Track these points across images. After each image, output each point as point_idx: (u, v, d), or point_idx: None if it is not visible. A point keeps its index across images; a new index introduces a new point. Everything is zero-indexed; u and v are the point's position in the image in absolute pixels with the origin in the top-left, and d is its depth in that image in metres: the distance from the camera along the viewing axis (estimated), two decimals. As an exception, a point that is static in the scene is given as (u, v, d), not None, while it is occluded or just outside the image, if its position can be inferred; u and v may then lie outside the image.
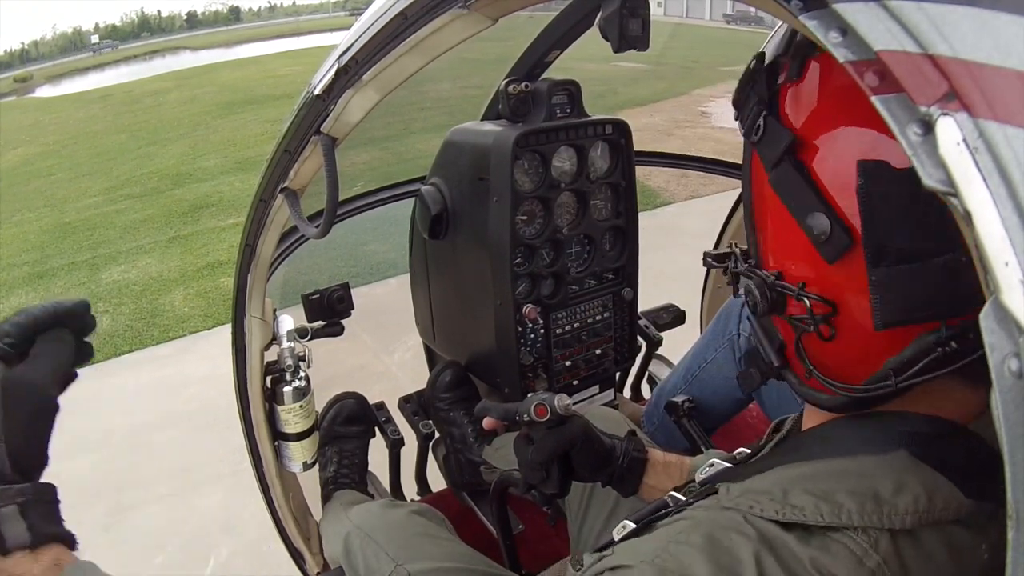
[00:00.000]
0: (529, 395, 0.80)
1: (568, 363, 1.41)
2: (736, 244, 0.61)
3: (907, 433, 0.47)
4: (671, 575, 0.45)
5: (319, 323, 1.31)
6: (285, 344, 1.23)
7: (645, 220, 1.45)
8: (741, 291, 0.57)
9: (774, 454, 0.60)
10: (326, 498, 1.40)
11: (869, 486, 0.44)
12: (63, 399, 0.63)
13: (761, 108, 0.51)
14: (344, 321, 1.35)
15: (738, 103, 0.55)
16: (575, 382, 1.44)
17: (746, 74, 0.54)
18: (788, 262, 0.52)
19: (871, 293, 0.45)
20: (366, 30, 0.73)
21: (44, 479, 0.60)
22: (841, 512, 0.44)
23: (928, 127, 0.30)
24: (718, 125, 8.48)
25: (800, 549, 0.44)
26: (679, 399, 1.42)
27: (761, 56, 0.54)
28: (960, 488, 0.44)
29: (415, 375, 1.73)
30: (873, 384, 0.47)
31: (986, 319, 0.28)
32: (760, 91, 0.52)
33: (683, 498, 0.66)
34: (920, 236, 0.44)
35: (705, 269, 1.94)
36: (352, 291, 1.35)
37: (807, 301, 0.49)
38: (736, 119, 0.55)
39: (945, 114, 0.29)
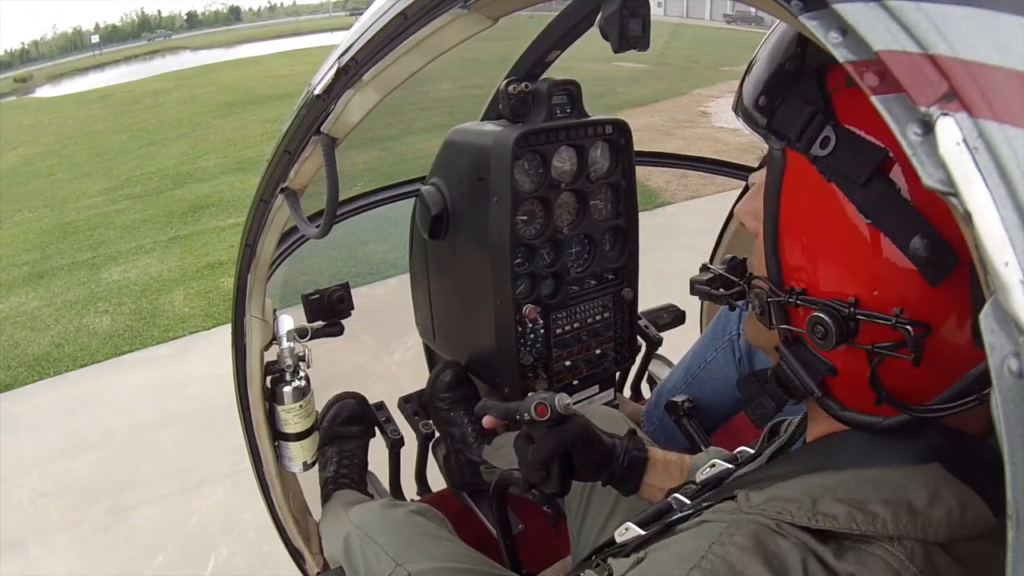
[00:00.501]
0: (530, 394, 0.80)
1: (568, 363, 1.41)
2: (750, 273, 0.57)
3: (941, 446, 0.46)
4: None
5: (319, 323, 1.31)
6: (285, 344, 1.23)
7: (645, 220, 1.45)
8: (782, 325, 0.52)
9: (790, 461, 0.57)
10: (326, 498, 1.40)
11: (903, 497, 0.44)
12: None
13: (822, 117, 0.46)
14: (344, 321, 1.35)
15: (769, 107, 0.49)
16: (575, 382, 1.44)
17: (781, 74, 0.49)
18: (871, 286, 0.47)
19: (974, 310, 0.41)
20: (366, 30, 0.73)
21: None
22: (876, 521, 0.43)
23: (928, 127, 0.30)
24: (718, 125, 8.49)
25: (837, 564, 0.43)
26: (679, 399, 1.42)
27: (800, 53, 0.48)
28: (990, 505, 0.44)
29: (415, 375, 1.73)
30: (956, 400, 0.44)
31: (986, 319, 0.28)
32: (813, 95, 0.47)
33: (687, 500, 0.66)
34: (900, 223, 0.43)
35: (705, 269, 1.94)
36: (352, 291, 1.35)
37: (910, 329, 0.45)
38: (766, 127, 0.50)
39: (945, 114, 0.29)
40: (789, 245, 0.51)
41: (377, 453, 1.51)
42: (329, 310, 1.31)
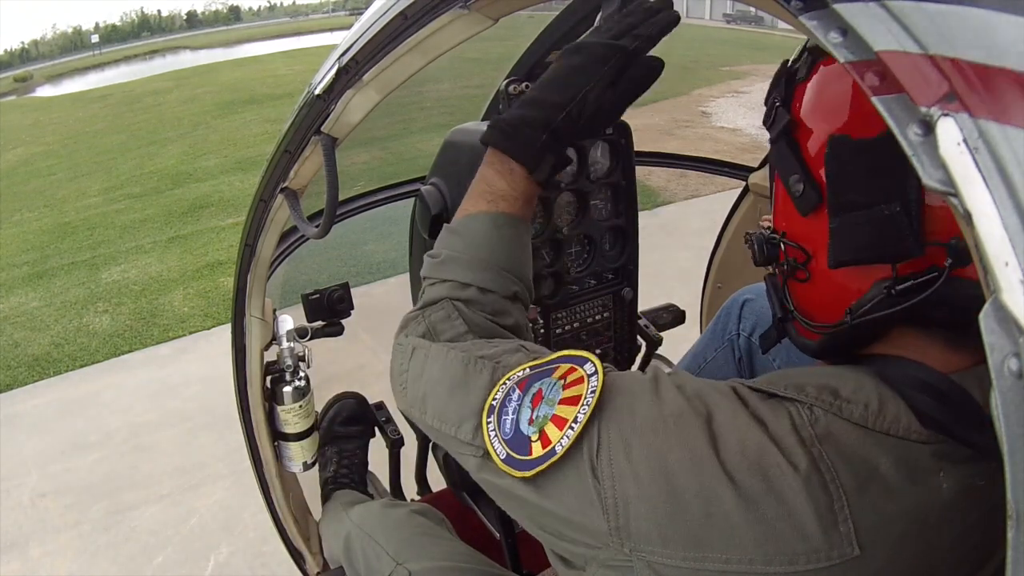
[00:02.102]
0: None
1: (568, 363, 1.41)
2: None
3: (880, 364, 0.55)
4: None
5: (319, 323, 1.31)
6: (285, 344, 1.23)
7: (645, 220, 1.45)
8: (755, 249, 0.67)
9: None
10: (326, 498, 1.40)
11: (833, 385, 0.52)
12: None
13: (776, 101, 0.61)
14: (344, 321, 1.35)
15: (766, 102, 0.64)
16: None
17: (774, 77, 0.63)
18: (779, 220, 0.63)
19: (829, 238, 0.55)
20: (366, 30, 0.73)
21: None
22: (801, 392, 0.52)
23: (928, 127, 0.30)
24: (718, 125, 8.49)
25: (756, 404, 0.52)
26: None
27: (786, 62, 0.63)
28: (917, 415, 0.50)
29: (415, 375, 1.72)
30: (839, 323, 0.57)
31: (986, 319, 0.28)
32: (779, 89, 0.61)
33: None
34: (869, 190, 0.52)
35: (705, 269, 1.95)
36: (352, 291, 1.35)
37: (782, 246, 0.62)
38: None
39: (945, 114, 0.29)
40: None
41: (377, 453, 1.51)
42: (329, 310, 1.31)
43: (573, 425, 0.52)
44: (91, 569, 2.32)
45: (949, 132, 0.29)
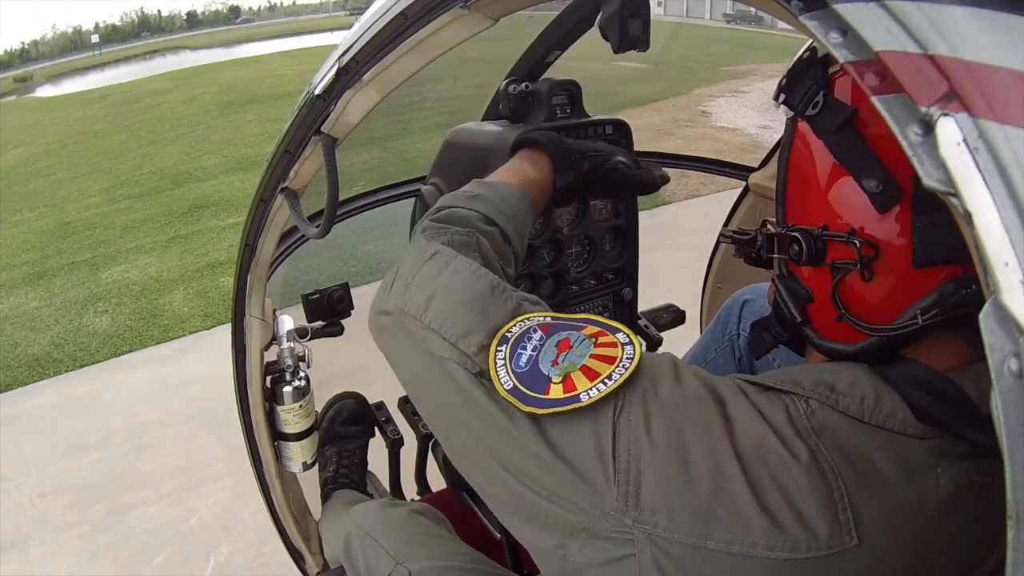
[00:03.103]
0: None
1: (568, 363, 1.41)
2: (765, 222, 0.69)
3: (880, 362, 0.56)
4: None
5: (319, 323, 1.31)
6: (285, 344, 1.23)
7: (645, 220, 1.45)
8: (774, 254, 0.66)
9: None
10: (326, 498, 1.40)
11: (829, 380, 0.53)
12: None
13: (819, 88, 0.59)
14: (344, 321, 1.35)
15: (788, 87, 0.62)
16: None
17: (799, 63, 0.62)
18: (837, 215, 0.59)
19: (912, 237, 0.54)
20: (366, 30, 0.73)
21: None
22: (796, 386, 0.52)
23: (928, 127, 0.30)
24: (718, 125, 8.49)
25: (755, 396, 0.52)
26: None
27: (814, 49, 0.62)
28: (913, 410, 0.51)
29: (415, 375, 1.72)
30: (902, 324, 0.54)
31: (986, 319, 0.28)
32: (816, 75, 0.59)
33: None
34: None
35: (705, 269, 1.94)
36: (352, 291, 1.35)
37: (857, 244, 0.56)
38: (783, 102, 0.63)
39: (945, 114, 0.29)
40: (790, 192, 0.64)
41: (377, 453, 1.51)
42: (329, 310, 1.31)
43: (606, 381, 0.51)
44: (91, 569, 2.32)
45: (949, 132, 0.29)
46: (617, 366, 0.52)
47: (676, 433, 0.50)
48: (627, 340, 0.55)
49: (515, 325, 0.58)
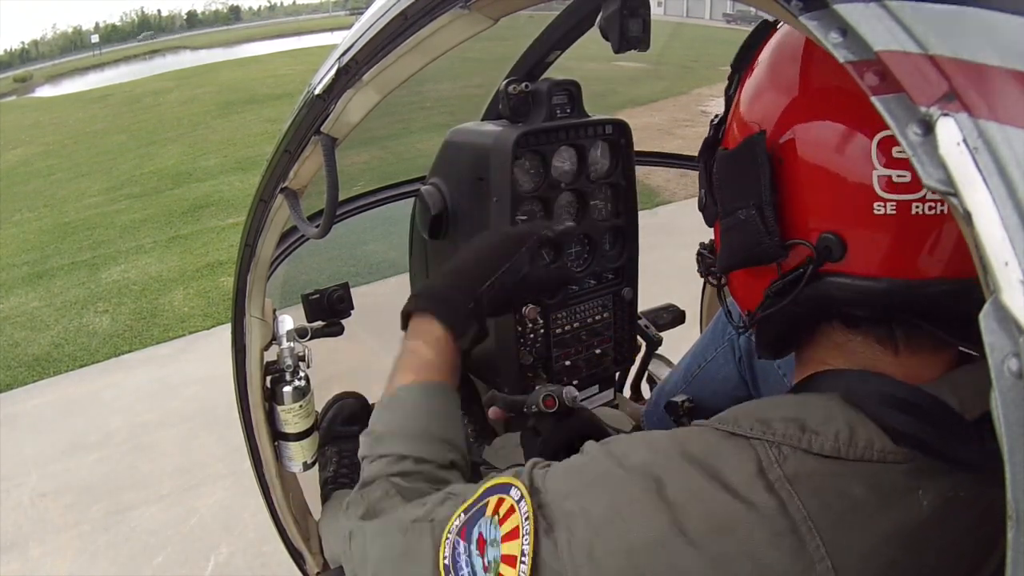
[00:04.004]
0: (537, 387, 0.80)
1: (568, 363, 1.41)
2: None
3: (845, 384, 0.53)
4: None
5: (319, 323, 1.31)
6: (285, 344, 1.23)
7: (645, 219, 1.45)
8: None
9: None
10: (326, 498, 1.40)
11: (800, 416, 0.51)
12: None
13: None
14: (344, 321, 1.35)
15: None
16: (575, 382, 1.44)
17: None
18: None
19: (719, 247, 0.60)
20: (367, 30, 0.73)
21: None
22: (767, 430, 0.50)
23: (928, 127, 0.30)
24: (718, 125, 8.46)
25: (715, 444, 0.51)
26: (679, 399, 1.41)
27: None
28: (890, 434, 0.49)
29: (415, 375, 1.72)
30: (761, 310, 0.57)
31: (986, 319, 0.28)
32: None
33: None
34: (733, 196, 0.55)
35: (705, 269, 1.94)
36: (352, 291, 1.35)
37: (703, 256, 0.67)
38: None
39: (945, 114, 0.29)
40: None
41: (377, 453, 1.51)
42: (329, 310, 1.31)
43: (523, 559, 0.51)
44: (91, 569, 2.32)
45: (949, 132, 0.28)
46: (522, 536, 0.52)
47: (621, 547, 0.49)
48: (519, 495, 0.54)
49: (444, 550, 0.58)
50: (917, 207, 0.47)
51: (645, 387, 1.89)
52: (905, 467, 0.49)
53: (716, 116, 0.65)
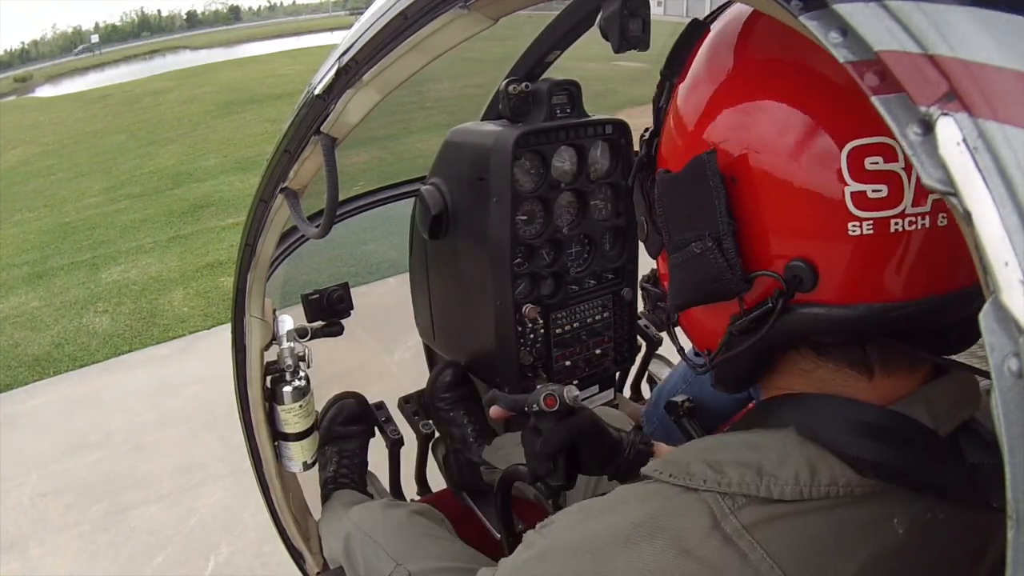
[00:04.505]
0: (539, 386, 0.80)
1: (568, 363, 1.41)
2: None
3: (798, 412, 0.50)
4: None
5: (319, 323, 1.31)
6: (285, 344, 1.23)
7: (645, 220, 1.45)
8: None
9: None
10: (326, 498, 1.40)
11: (756, 459, 0.47)
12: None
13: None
14: (344, 321, 1.35)
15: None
16: (575, 382, 1.44)
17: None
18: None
19: (668, 283, 0.53)
20: (366, 30, 0.73)
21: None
22: (720, 478, 0.46)
23: (928, 127, 0.30)
24: (718, 125, 8.45)
25: (665, 496, 0.48)
26: (679, 399, 1.41)
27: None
28: (854, 466, 0.45)
29: (415, 375, 1.73)
30: (720, 351, 0.53)
31: (986, 319, 0.28)
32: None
33: None
34: (686, 227, 0.49)
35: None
36: (352, 291, 1.35)
37: (648, 291, 0.58)
38: None
39: (945, 114, 0.29)
40: None
41: (377, 453, 1.51)
42: (329, 310, 1.31)
43: None
44: (91, 569, 2.32)
45: (949, 132, 0.29)
46: None
47: None
48: None
49: None
50: (896, 223, 0.43)
51: (645, 387, 1.90)
52: (876, 498, 0.46)
53: (646, 131, 0.58)
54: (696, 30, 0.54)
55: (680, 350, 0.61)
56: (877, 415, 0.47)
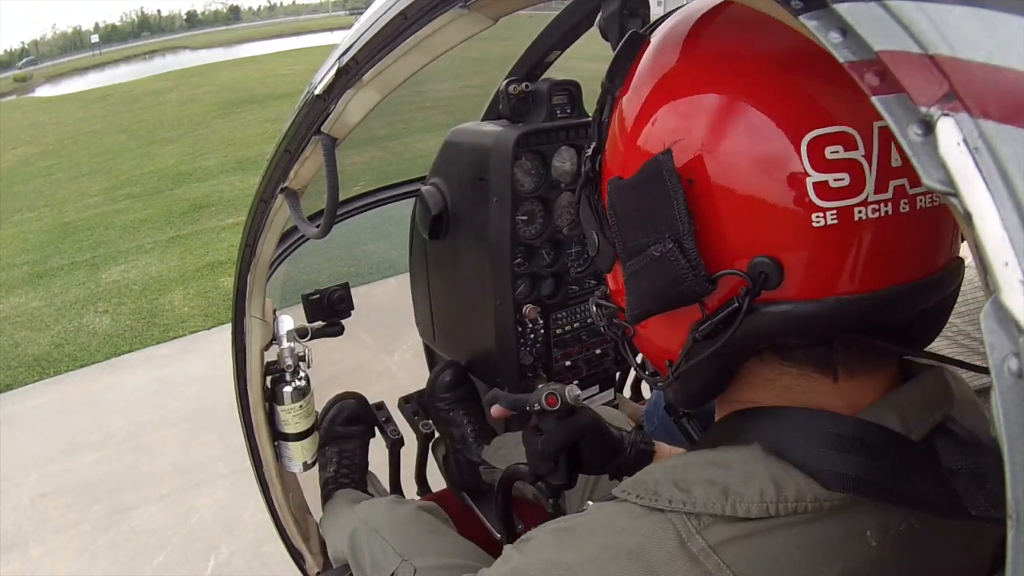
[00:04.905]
0: (540, 386, 0.80)
1: (568, 363, 1.41)
2: None
3: (763, 426, 0.49)
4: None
5: (319, 323, 1.31)
6: (285, 344, 1.23)
7: (645, 220, 1.45)
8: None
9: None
10: (326, 497, 1.40)
11: (721, 478, 0.46)
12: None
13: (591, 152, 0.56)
14: (344, 321, 1.35)
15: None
16: (575, 382, 1.44)
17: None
18: (605, 279, 0.58)
19: (626, 293, 0.51)
20: (366, 30, 0.73)
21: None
22: (687, 498, 0.46)
23: (928, 127, 0.30)
24: (718, 125, 8.45)
25: (632, 516, 0.47)
26: (679, 399, 1.41)
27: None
28: (821, 480, 0.44)
29: (415, 375, 1.73)
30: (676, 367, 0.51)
31: (986, 319, 0.28)
32: (596, 139, 0.57)
33: None
34: (642, 231, 0.47)
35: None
36: (352, 291, 1.35)
37: (603, 306, 0.58)
38: None
39: (945, 114, 0.29)
40: None
41: (377, 453, 1.51)
42: (329, 310, 1.31)
43: None
44: (91, 569, 2.32)
45: (949, 132, 0.28)
46: None
47: None
48: None
49: None
50: (860, 211, 0.42)
51: (645, 387, 1.90)
52: (847, 512, 0.45)
53: (590, 145, 0.56)
54: (636, 42, 0.53)
55: (638, 366, 0.60)
56: (844, 425, 0.46)
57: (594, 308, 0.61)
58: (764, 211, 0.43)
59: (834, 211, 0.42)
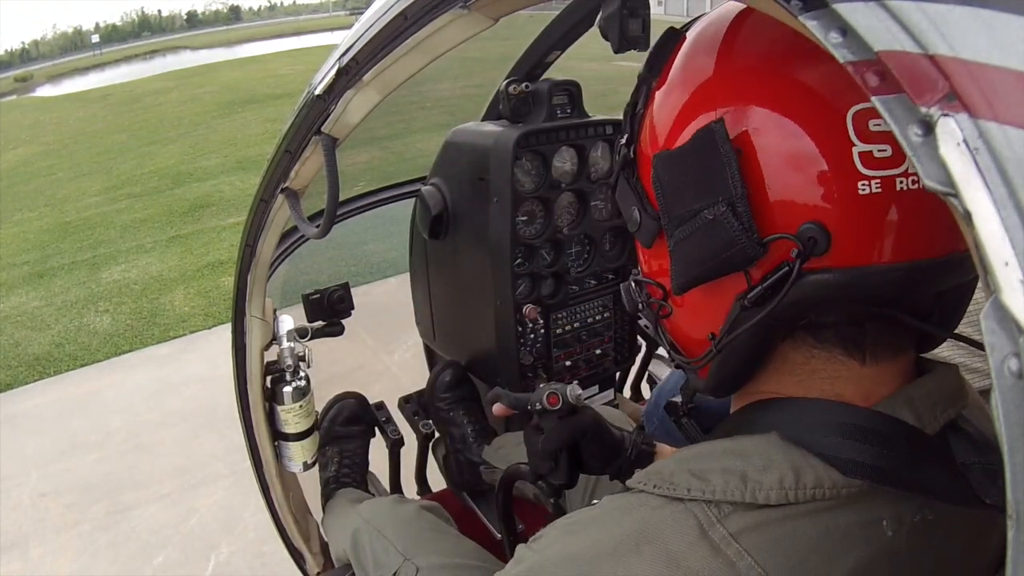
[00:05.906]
0: (541, 385, 0.80)
1: (568, 363, 1.41)
2: None
3: (781, 416, 0.50)
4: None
5: (319, 323, 1.31)
6: (285, 344, 1.23)
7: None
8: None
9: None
10: (327, 497, 1.40)
11: (740, 465, 0.47)
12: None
13: (623, 142, 0.58)
14: (344, 321, 1.35)
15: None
16: (575, 382, 1.44)
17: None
18: (641, 263, 0.60)
19: (670, 264, 0.51)
20: (366, 30, 0.73)
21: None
22: (706, 487, 0.46)
23: (929, 128, 0.30)
24: (718, 125, 8.45)
25: (652, 507, 0.48)
26: (679, 399, 1.41)
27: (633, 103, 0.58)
28: (839, 468, 0.45)
29: (415, 375, 1.73)
30: (708, 353, 0.52)
31: (986, 319, 0.28)
32: (626, 129, 0.58)
33: None
34: (692, 198, 0.48)
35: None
36: (352, 291, 1.35)
37: (642, 286, 0.59)
38: None
39: (945, 114, 0.29)
40: None
41: (377, 453, 1.51)
42: (329, 310, 1.31)
43: None
44: (91, 569, 2.32)
45: (949, 132, 0.28)
46: None
47: None
48: None
49: None
50: (901, 182, 0.44)
51: (645, 387, 1.90)
52: (865, 499, 0.46)
53: (623, 137, 0.58)
54: (673, 36, 0.55)
55: (671, 346, 0.60)
56: (861, 416, 0.47)
57: (630, 287, 0.61)
58: (812, 178, 0.45)
59: (878, 180, 0.44)
